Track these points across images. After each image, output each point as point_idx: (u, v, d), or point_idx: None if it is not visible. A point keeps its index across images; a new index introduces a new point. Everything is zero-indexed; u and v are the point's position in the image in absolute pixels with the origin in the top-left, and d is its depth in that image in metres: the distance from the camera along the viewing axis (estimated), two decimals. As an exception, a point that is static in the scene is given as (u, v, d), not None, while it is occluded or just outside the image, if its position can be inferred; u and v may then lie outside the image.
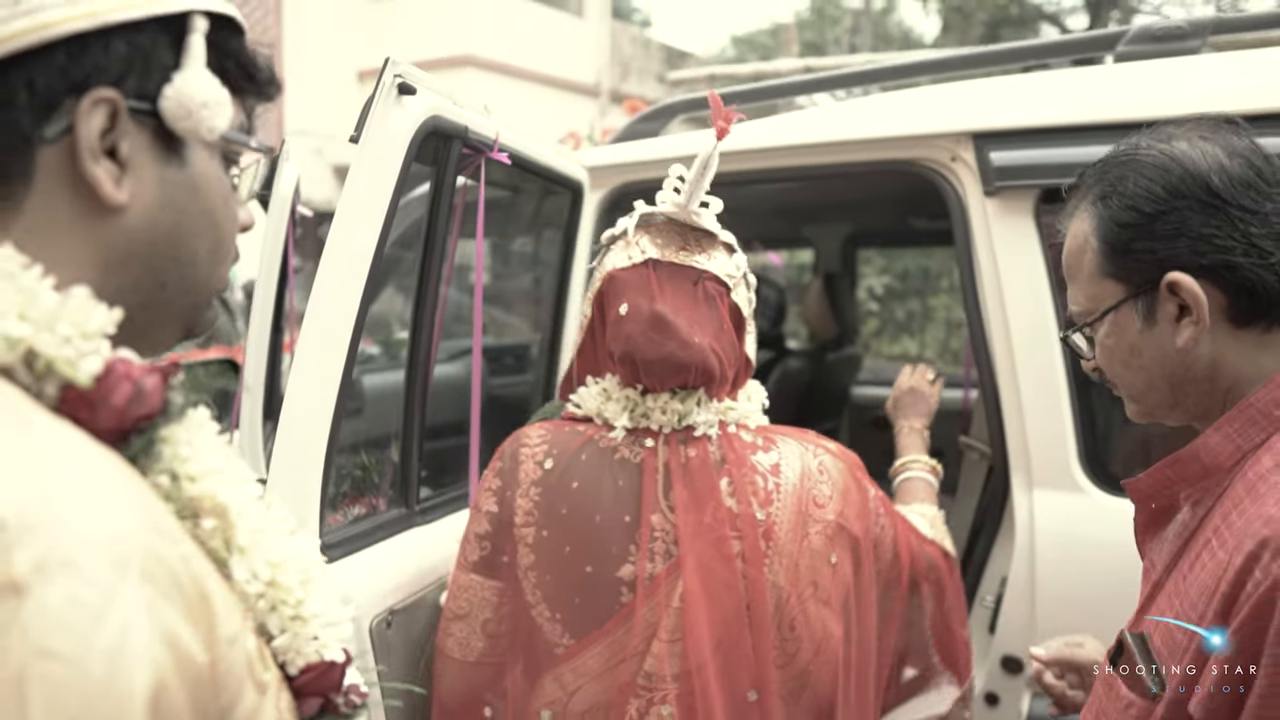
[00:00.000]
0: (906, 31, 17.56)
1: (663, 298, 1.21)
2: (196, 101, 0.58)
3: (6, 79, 0.53)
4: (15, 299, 0.51)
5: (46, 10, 0.53)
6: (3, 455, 0.44)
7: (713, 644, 1.17)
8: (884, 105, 1.92)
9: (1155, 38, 1.81)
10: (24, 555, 0.40)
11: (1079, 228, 0.92)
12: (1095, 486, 1.59)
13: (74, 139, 0.55)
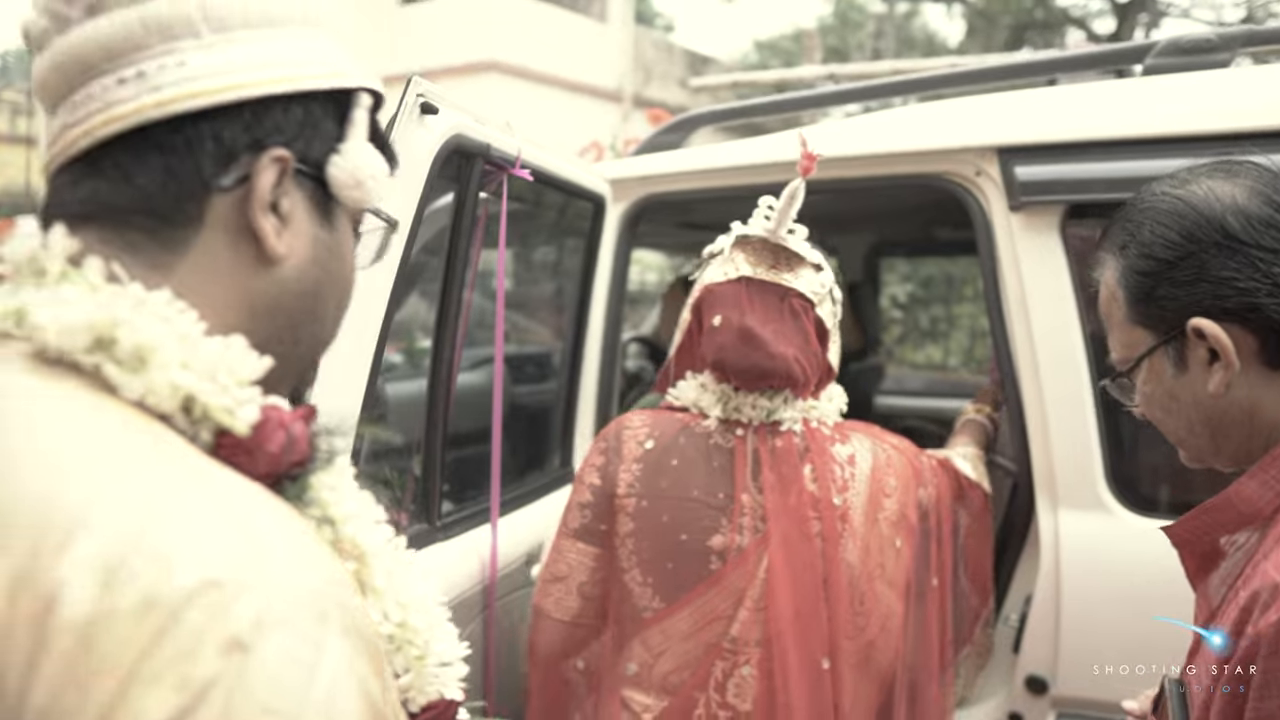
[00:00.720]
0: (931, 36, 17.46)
1: (752, 312, 1.37)
2: (365, 173, 0.62)
3: (198, 129, 0.56)
4: (177, 346, 0.53)
5: (240, 72, 0.57)
6: (199, 510, 0.45)
7: (792, 613, 1.32)
8: (908, 119, 1.90)
9: (1184, 50, 1.78)
10: (244, 612, 0.41)
11: (1106, 277, 0.92)
12: (1121, 506, 1.57)
13: (248, 190, 0.58)
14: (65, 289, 0.53)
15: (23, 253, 0.56)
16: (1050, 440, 1.62)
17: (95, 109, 0.56)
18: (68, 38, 0.57)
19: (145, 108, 0.55)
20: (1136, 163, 1.56)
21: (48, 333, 0.51)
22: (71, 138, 0.57)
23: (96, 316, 0.51)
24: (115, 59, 0.56)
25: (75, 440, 0.47)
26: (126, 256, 0.56)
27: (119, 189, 0.56)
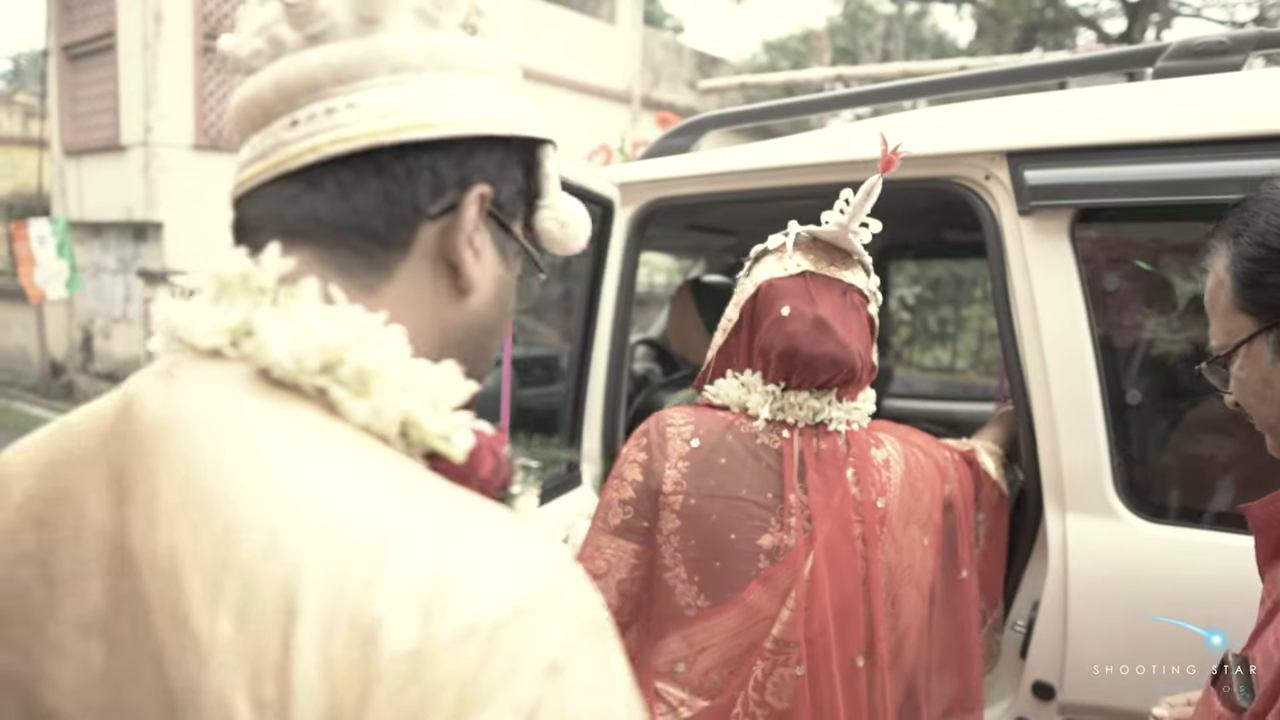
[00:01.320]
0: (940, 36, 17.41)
1: (822, 303, 1.41)
2: (574, 222, 0.68)
3: (418, 158, 0.59)
4: (400, 370, 0.55)
5: (459, 110, 0.60)
6: (487, 538, 0.47)
7: (834, 613, 1.35)
8: (917, 122, 1.90)
9: (1196, 53, 1.77)
10: (553, 636, 0.44)
11: (1216, 265, 0.96)
12: (1130, 512, 1.57)
13: (453, 222, 0.61)
14: (292, 309, 0.54)
15: (234, 269, 0.56)
16: (1059, 445, 1.61)
17: (321, 128, 0.58)
18: (295, 60, 0.59)
19: (377, 132, 0.57)
20: (1147, 167, 1.55)
21: (277, 354, 0.52)
22: (293, 153, 0.58)
23: (327, 339, 0.53)
24: (343, 84, 0.58)
25: (343, 461, 0.49)
26: (339, 278, 0.57)
27: (337, 206, 0.58)
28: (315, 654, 0.41)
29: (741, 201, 2.11)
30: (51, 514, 0.52)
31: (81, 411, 0.58)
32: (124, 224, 10.65)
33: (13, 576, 0.51)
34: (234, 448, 0.48)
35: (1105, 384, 1.59)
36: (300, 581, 0.42)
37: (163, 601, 0.44)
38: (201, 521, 0.45)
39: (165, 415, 0.50)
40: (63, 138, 11.49)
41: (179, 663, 0.43)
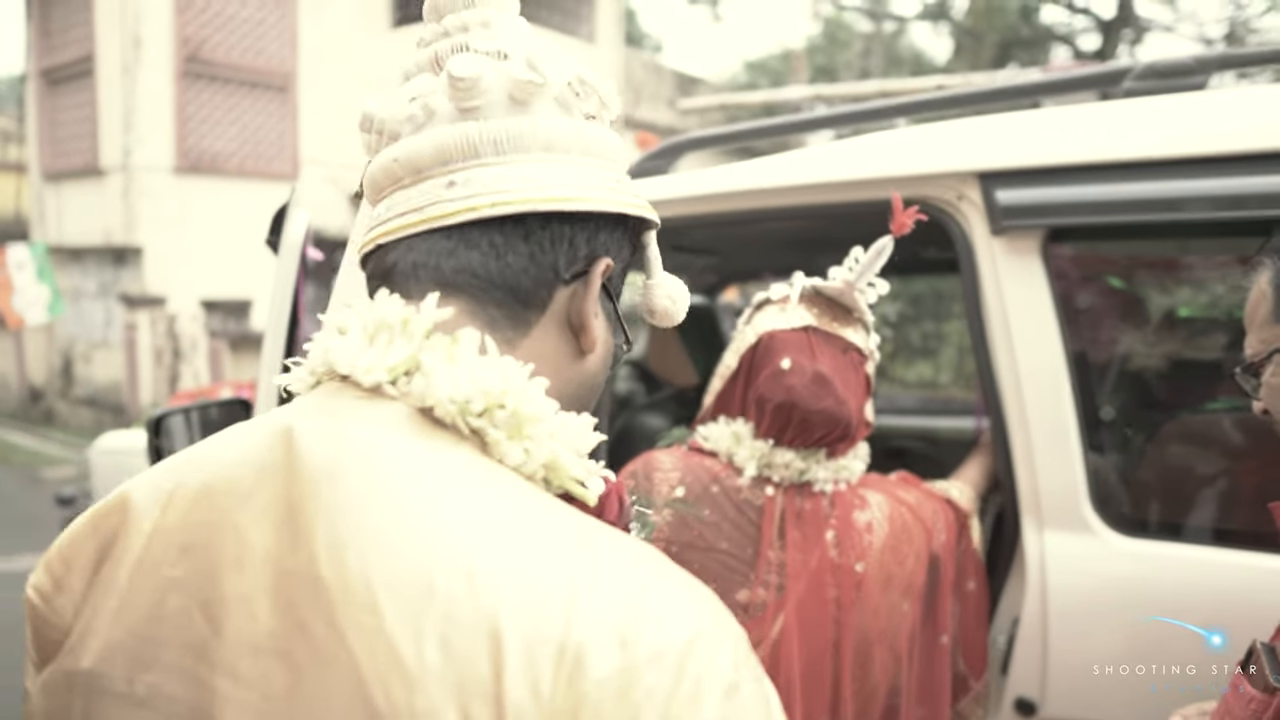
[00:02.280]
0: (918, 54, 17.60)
1: (822, 359, 1.42)
2: (678, 297, 0.75)
3: (561, 228, 0.66)
4: (548, 419, 0.60)
5: (597, 190, 0.67)
6: (656, 572, 0.53)
7: (800, 671, 1.35)
8: (890, 144, 1.92)
9: (1162, 74, 1.81)
10: (727, 659, 0.50)
11: (1261, 279, 1.02)
12: (1106, 527, 1.58)
13: (583, 288, 0.67)
14: (454, 354, 0.59)
15: (396, 314, 0.61)
16: (1034, 463, 1.62)
17: (478, 191, 0.63)
18: (456, 129, 0.65)
19: (531, 200, 0.63)
20: (1116, 186, 1.58)
21: (443, 395, 0.57)
22: (451, 210, 0.63)
23: (490, 386, 0.58)
24: (501, 155, 0.65)
25: (520, 506, 0.54)
26: (486, 329, 0.63)
27: (490, 263, 0.64)
28: (524, 677, 0.46)
29: (720, 224, 2.13)
30: (202, 542, 0.55)
31: (221, 444, 0.61)
32: (103, 248, 10.59)
33: (161, 602, 0.55)
34: (412, 486, 0.53)
35: (1079, 401, 1.61)
36: (502, 613, 0.47)
37: (358, 627, 0.48)
38: (394, 556, 0.50)
39: (336, 453, 0.54)
40: (41, 162, 11.43)
41: (384, 684, 0.47)
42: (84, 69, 10.55)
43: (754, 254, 3.52)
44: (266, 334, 1.82)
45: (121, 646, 0.55)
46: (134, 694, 0.54)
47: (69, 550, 0.60)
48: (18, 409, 11.70)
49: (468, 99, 0.65)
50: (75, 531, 0.61)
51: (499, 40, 0.68)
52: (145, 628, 0.54)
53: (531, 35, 0.71)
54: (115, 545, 0.58)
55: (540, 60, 0.66)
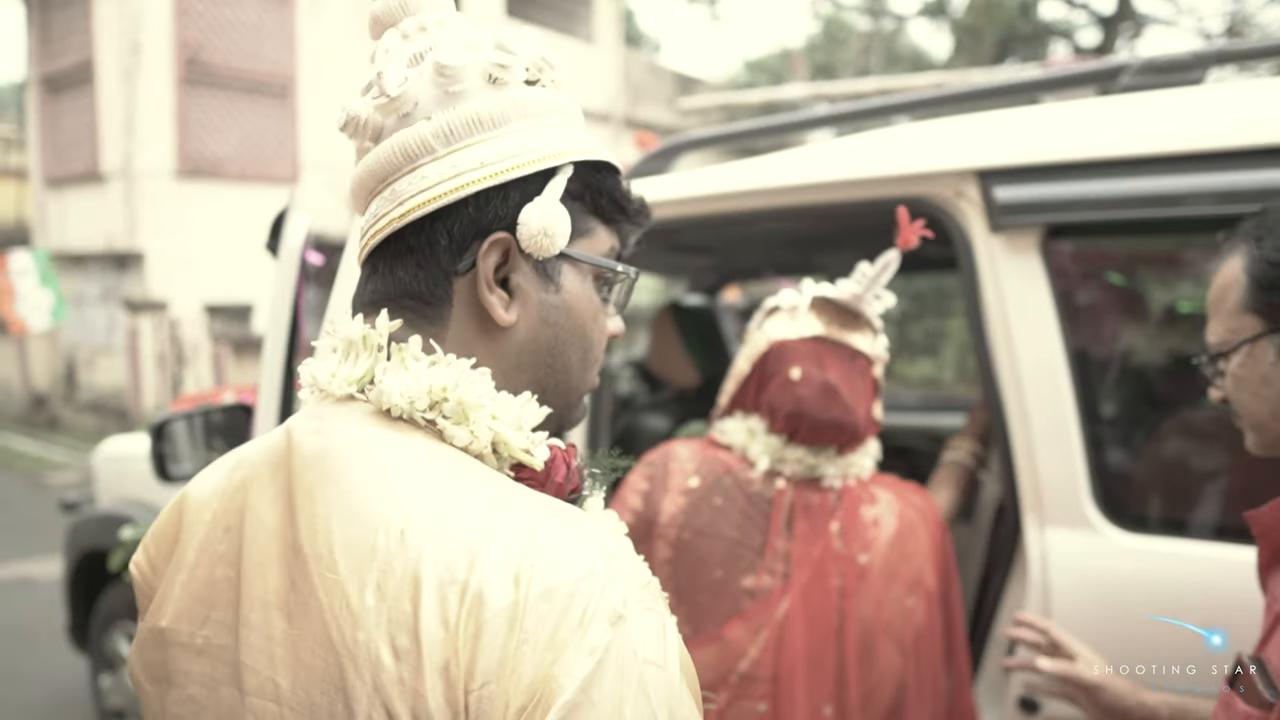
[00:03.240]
0: (918, 52, 17.59)
1: (830, 369, 1.49)
2: (551, 227, 0.71)
3: (434, 228, 0.71)
4: (490, 403, 0.69)
5: (464, 174, 0.70)
6: (558, 524, 0.62)
7: (804, 655, 1.41)
8: (888, 142, 1.92)
9: (1159, 69, 1.81)
10: (615, 593, 0.58)
11: (1231, 265, 0.99)
12: (1109, 523, 1.58)
13: (475, 273, 0.71)
14: (405, 361, 0.69)
15: (357, 332, 0.71)
16: (1035, 459, 1.62)
17: (369, 224, 0.73)
18: (358, 166, 0.74)
19: (394, 220, 0.71)
20: (1114, 182, 1.58)
21: (394, 398, 0.68)
22: (361, 246, 0.74)
23: (434, 384, 0.68)
24: (382, 181, 0.72)
25: (450, 477, 0.64)
26: (420, 333, 0.71)
27: (387, 282, 0.72)
28: (437, 611, 0.57)
29: (720, 223, 2.13)
30: (237, 523, 0.69)
31: (254, 446, 0.74)
32: (105, 254, 10.61)
33: (213, 572, 0.69)
34: (369, 468, 0.64)
35: (1080, 397, 1.61)
36: (423, 562, 0.58)
37: (324, 582, 0.61)
38: (350, 524, 0.62)
39: (318, 446, 0.67)
40: (43, 168, 11.45)
41: (338, 625, 0.59)
42: (84, 75, 10.57)
43: (754, 253, 3.52)
44: (267, 338, 1.83)
45: (188, 609, 0.69)
46: (195, 645, 0.68)
47: (158, 534, 0.76)
48: (22, 414, 11.72)
49: (359, 138, 0.74)
50: (162, 520, 0.76)
51: (376, 64, 0.74)
52: (203, 592, 0.69)
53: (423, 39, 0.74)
54: (184, 531, 0.73)
55: (387, 76, 0.71)
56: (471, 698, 0.55)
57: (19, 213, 13.57)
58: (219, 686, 0.66)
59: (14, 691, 4.06)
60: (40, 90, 11.33)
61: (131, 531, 2.47)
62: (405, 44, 0.74)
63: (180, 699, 0.68)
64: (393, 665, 0.57)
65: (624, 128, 13.49)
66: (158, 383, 10.19)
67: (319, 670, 0.60)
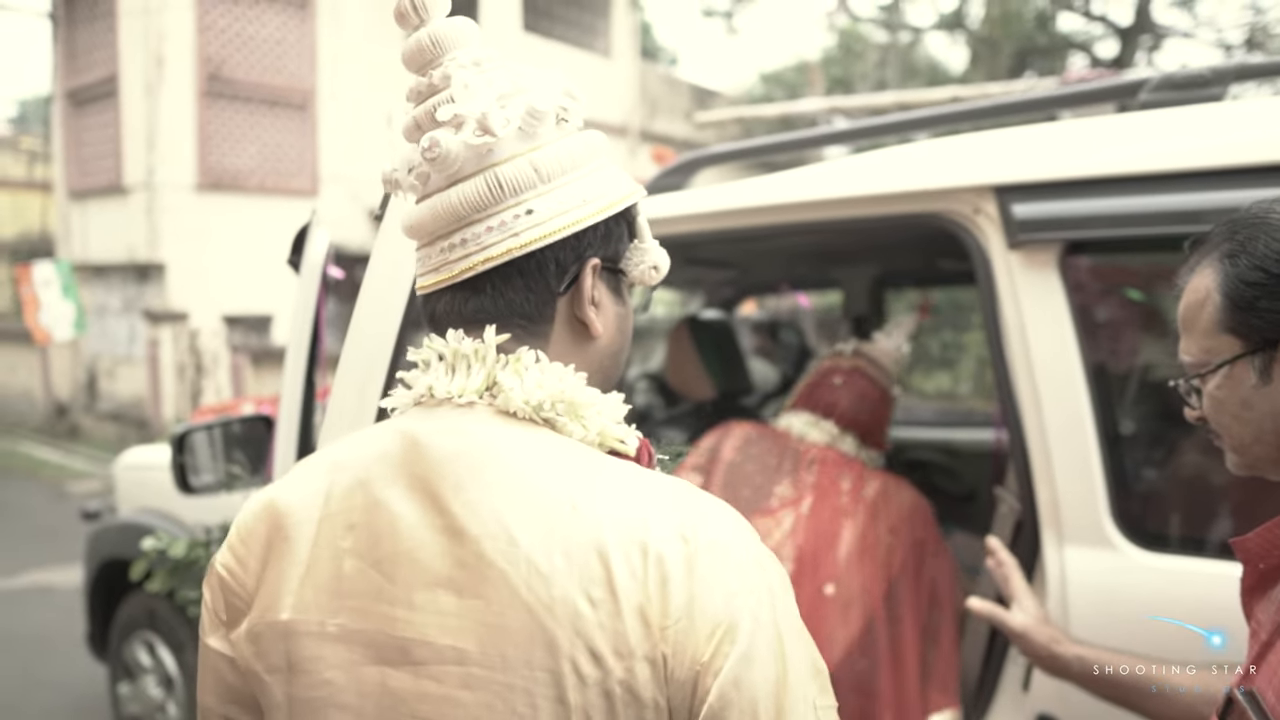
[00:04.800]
0: (934, 65, 17.57)
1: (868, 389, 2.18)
2: (660, 263, 0.88)
3: (543, 255, 0.80)
4: (592, 402, 0.81)
5: (571, 211, 0.81)
6: (690, 496, 0.76)
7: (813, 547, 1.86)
8: (906, 158, 1.92)
9: (1178, 85, 1.80)
10: (754, 545, 0.76)
11: (1201, 282, 0.95)
12: (1128, 542, 1.57)
13: (577, 292, 0.83)
14: (519, 370, 0.80)
15: (469, 347, 0.81)
16: (1054, 477, 1.62)
17: (471, 250, 0.80)
18: (442, 198, 0.80)
19: (511, 250, 0.79)
20: (1134, 199, 1.57)
21: (516, 401, 0.78)
22: (453, 271, 0.80)
23: (549, 388, 0.79)
24: (478, 211, 0.80)
25: (588, 461, 0.77)
26: (526, 344, 0.82)
27: (497, 302, 0.81)
28: (626, 568, 0.69)
29: (738, 239, 2.14)
30: (363, 519, 0.76)
31: (351, 450, 0.82)
32: (127, 265, 10.72)
33: (340, 566, 0.76)
34: (517, 458, 0.75)
35: (1099, 414, 1.60)
36: (603, 530, 0.70)
37: (504, 555, 0.70)
38: (519, 504, 0.72)
39: (457, 445, 0.76)
40: (67, 181, 11.60)
41: (529, 587, 0.69)
42: (108, 89, 10.71)
43: (771, 268, 3.52)
44: (288, 350, 1.85)
45: (312, 601, 0.76)
46: (327, 633, 0.75)
47: (245, 537, 0.82)
48: (43, 424, 11.84)
49: (443, 169, 0.79)
50: (246, 525, 0.82)
51: (457, 101, 0.80)
52: (330, 585, 0.76)
53: (487, 75, 0.82)
54: (281, 532, 0.79)
55: (491, 117, 0.78)
56: (667, 633, 0.68)
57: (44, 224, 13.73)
58: (360, 667, 0.74)
59: (34, 698, 4.09)
60: (65, 104, 11.49)
61: (152, 542, 2.49)
62: (482, 81, 0.81)
63: (312, 684, 0.75)
64: (591, 613, 0.68)
65: (640, 141, 13.54)
66: (177, 393, 10.28)
67: (513, 628, 0.69)
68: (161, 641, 3.23)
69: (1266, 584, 0.94)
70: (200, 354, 10.22)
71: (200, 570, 2.37)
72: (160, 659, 3.23)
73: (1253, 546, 0.94)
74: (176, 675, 3.18)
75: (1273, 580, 0.93)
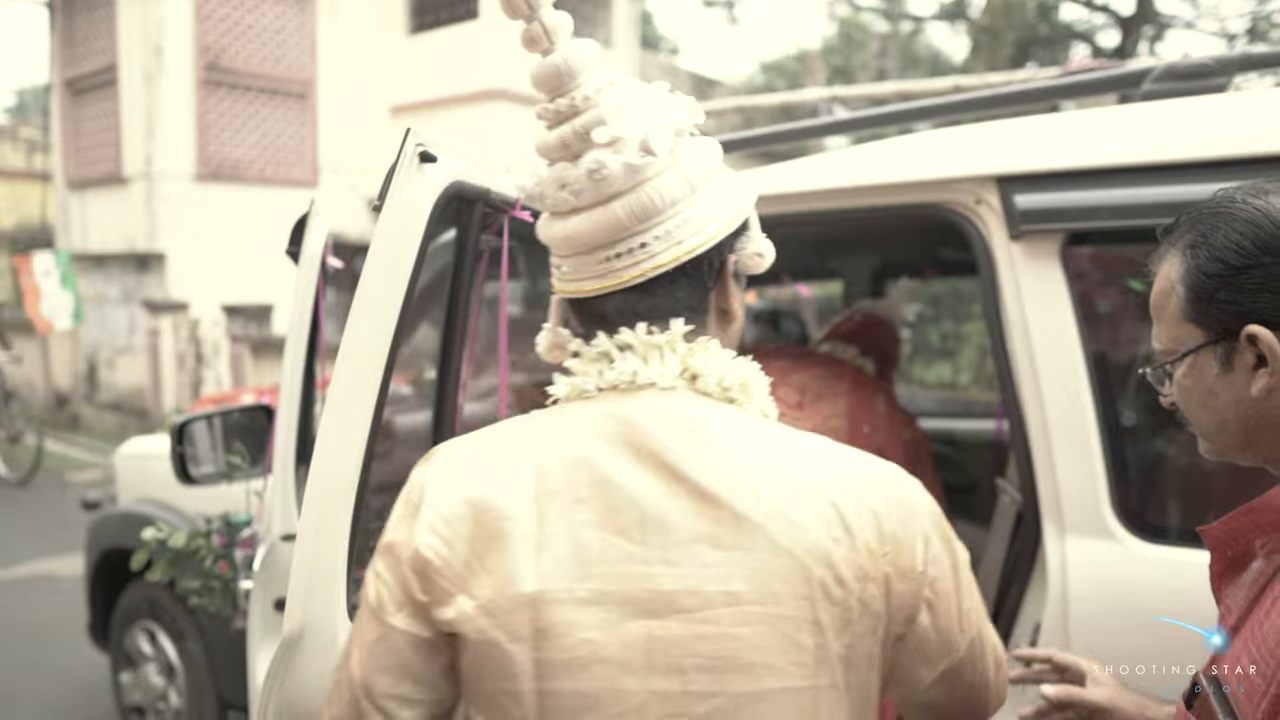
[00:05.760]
0: (935, 54, 17.50)
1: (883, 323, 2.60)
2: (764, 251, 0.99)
3: (700, 258, 0.92)
4: (761, 383, 0.97)
5: (720, 218, 0.93)
6: (859, 454, 0.94)
7: None
8: (908, 148, 1.92)
9: (1181, 75, 1.80)
10: (922, 493, 0.94)
11: (1167, 271, 0.95)
12: (1129, 533, 1.57)
13: (722, 285, 0.96)
14: (704, 357, 0.92)
15: (658, 340, 0.92)
16: (1055, 467, 1.62)
17: (640, 259, 0.90)
18: (603, 212, 0.90)
19: (678, 256, 0.91)
20: (1136, 190, 1.57)
21: (711, 383, 0.92)
22: (623, 277, 0.91)
23: (728, 370, 0.94)
24: (640, 222, 0.90)
25: (785, 431, 0.93)
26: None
27: (670, 300, 0.93)
28: (853, 513, 0.86)
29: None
30: (591, 494, 0.85)
31: (563, 434, 0.89)
32: (127, 255, 10.70)
33: (578, 537, 0.84)
34: (737, 430, 0.89)
35: (1100, 405, 1.60)
36: (829, 485, 0.87)
37: (757, 510, 0.84)
38: (757, 467, 0.86)
39: (678, 421, 0.88)
40: (66, 171, 11.57)
41: (786, 533, 0.84)
42: (107, 78, 10.67)
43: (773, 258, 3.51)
44: (288, 340, 1.84)
45: (554, 572, 0.83)
46: (578, 598, 0.83)
47: (449, 523, 0.87)
48: (44, 413, 11.85)
49: (607, 189, 0.89)
50: (446, 511, 0.87)
51: (610, 124, 0.89)
52: (571, 555, 0.84)
53: (628, 100, 0.92)
54: (491, 515, 0.85)
55: (652, 139, 0.89)
56: (886, 557, 0.86)
57: (43, 214, 13.72)
58: (620, 624, 0.82)
59: (37, 687, 4.10)
60: (64, 93, 11.45)
61: (153, 532, 2.49)
62: (628, 103, 0.91)
63: (568, 645, 0.82)
64: (835, 549, 0.84)
65: (641, 130, 13.50)
66: (178, 383, 10.28)
67: (776, 569, 0.83)
68: (162, 630, 3.23)
69: (1235, 570, 0.95)
70: (200, 344, 10.21)
71: (200, 560, 2.37)
72: (161, 647, 3.24)
73: (1220, 534, 0.95)
74: (178, 664, 3.19)
75: (1241, 566, 0.94)
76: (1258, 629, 0.84)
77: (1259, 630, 0.84)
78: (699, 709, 0.82)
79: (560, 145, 0.92)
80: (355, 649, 0.89)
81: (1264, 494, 0.90)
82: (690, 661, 0.82)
